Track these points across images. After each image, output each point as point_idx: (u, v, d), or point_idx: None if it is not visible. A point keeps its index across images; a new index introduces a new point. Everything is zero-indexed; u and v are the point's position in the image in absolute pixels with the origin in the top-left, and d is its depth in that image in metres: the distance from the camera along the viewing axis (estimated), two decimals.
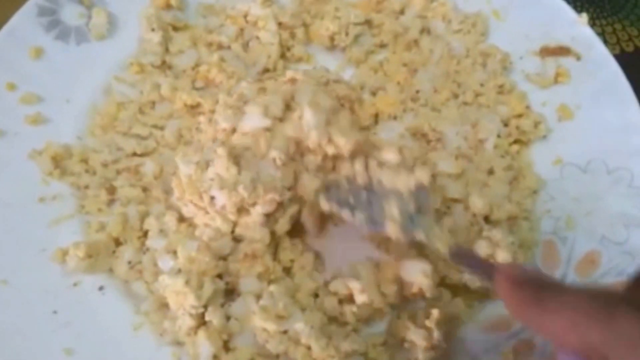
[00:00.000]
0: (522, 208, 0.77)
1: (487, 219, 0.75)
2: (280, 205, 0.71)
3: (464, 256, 0.62)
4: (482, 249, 0.68)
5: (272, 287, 0.68)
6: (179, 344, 0.69)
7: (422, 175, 0.67)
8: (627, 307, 0.41)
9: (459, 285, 0.70)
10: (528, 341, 0.68)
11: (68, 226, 0.76)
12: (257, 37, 0.91)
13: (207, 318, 0.67)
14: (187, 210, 0.74)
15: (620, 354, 0.40)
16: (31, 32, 0.86)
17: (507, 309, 0.48)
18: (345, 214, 0.68)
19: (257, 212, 0.70)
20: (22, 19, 0.87)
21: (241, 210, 0.70)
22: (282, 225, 0.72)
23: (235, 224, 0.72)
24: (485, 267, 0.59)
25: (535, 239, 0.76)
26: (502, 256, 0.67)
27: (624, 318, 0.40)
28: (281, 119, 0.73)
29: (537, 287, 0.47)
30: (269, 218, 0.71)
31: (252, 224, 0.71)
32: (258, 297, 0.69)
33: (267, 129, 0.72)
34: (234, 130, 0.74)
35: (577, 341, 0.42)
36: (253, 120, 0.73)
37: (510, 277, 0.49)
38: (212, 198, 0.70)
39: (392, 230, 0.65)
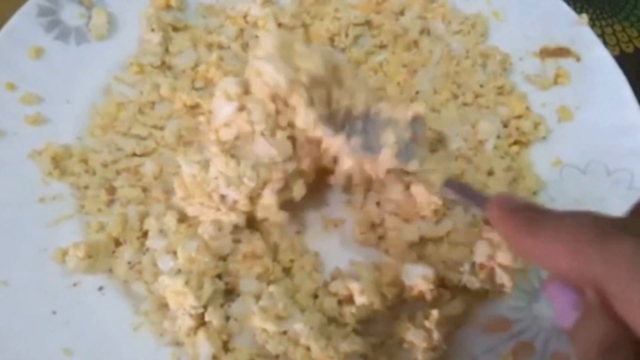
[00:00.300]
0: None
1: (486, 220, 0.74)
2: (290, 176, 0.71)
3: (457, 187, 0.62)
4: (482, 249, 0.68)
5: (272, 288, 0.68)
6: (178, 344, 0.69)
7: (418, 107, 0.67)
8: (628, 233, 0.38)
9: (458, 286, 0.70)
10: (528, 343, 0.68)
11: (68, 226, 0.76)
12: (257, 37, 0.91)
13: (207, 318, 0.67)
14: (193, 210, 0.73)
15: (617, 281, 0.37)
16: (31, 32, 0.86)
17: (501, 237, 0.47)
18: (341, 139, 0.67)
19: (269, 194, 0.70)
20: (22, 19, 0.87)
21: (253, 198, 0.71)
22: (298, 190, 0.73)
23: (249, 214, 0.73)
24: (478, 198, 0.59)
25: None
26: (503, 257, 0.67)
27: (625, 243, 0.38)
28: (245, 92, 0.72)
29: (531, 213, 0.46)
30: (283, 191, 0.71)
31: (268, 207, 0.71)
32: (258, 297, 0.68)
33: (240, 109, 0.70)
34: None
35: (570, 267, 0.40)
36: (223, 109, 0.72)
37: (503, 204, 0.48)
38: (223, 197, 0.71)
39: (386, 157, 0.64)
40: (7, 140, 0.80)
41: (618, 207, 0.75)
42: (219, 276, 0.71)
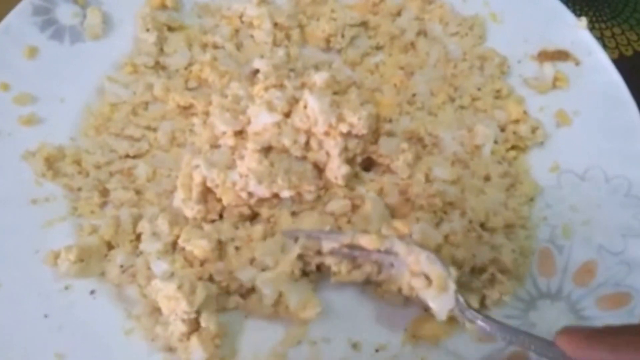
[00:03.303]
0: (519, 215, 0.76)
1: (483, 226, 0.74)
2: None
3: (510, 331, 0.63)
4: (483, 255, 0.68)
5: None
6: (171, 349, 0.68)
7: None
8: None
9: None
10: (522, 353, 0.68)
11: (60, 228, 0.75)
12: (252, 36, 0.91)
13: (202, 324, 0.67)
14: (191, 212, 0.73)
15: None
16: (26, 31, 0.86)
17: None
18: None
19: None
20: (16, 18, 0.86)
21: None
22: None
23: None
24: (539, 343, 0.60)
25: (531, 247, 0.75)
26: (504, 261, 0.67)
27: None
28: (287, 114, 0.74)
29: (603, 335, 0.51)
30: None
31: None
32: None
33: (276, 124, 0.73)
34: (238, 133, 0.76)
35: None
36: (262, 116, 0.74)
37: (574, 336, 0.53)
38: (250, 194, 0.72)
39: None
40: (0, 140, 0.79)
41: (614, 216, 0.76)
42: (211, 279, 0.71)
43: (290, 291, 0.70)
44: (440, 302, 0.65)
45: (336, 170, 0.73)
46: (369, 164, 0.79)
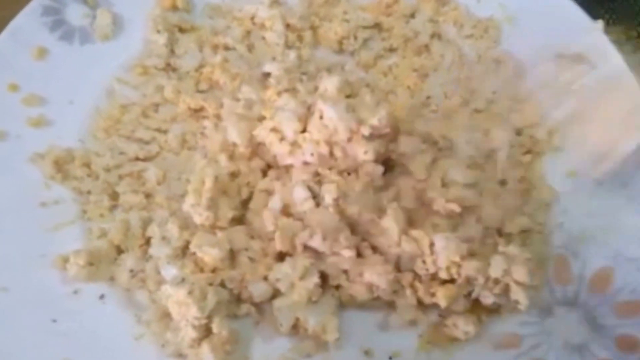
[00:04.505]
0: (535, 221, 0.75)
1: (499, 231, 0.73)
2: None
3: None
4: (497, 265, 0.66)
5: None
6: (181, 355, 0.67)
7: None
8: None
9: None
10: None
11: (69, 232, 0.74)
12: (263, 38, 0.90)
13: (214, 330, 0.66)
14: (200, 218, 0.72)
15: None
16: (35, 32, 0.85)
17: None
18: None
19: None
20: (26, 19, 0.85)
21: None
22: None
23: None
24: None
25: (547, 253, 0.74)
26: (519, 273, 0.65)
27: None
28: (303, 130, 0.74)
29: None
30: None
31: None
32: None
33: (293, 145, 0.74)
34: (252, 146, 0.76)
35: None
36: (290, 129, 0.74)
37: None
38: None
39: None
40: (9, 142, 0.78)
41: (631, 222, 0.75)
42: (223, 284, 0.70)
43: (309, 315, 0.68)
44: None
45: (372, 172, 0.72)
46: (385, 164, 0.78)
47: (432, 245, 0.68)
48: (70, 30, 0.87)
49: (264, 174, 0.78)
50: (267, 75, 0.85)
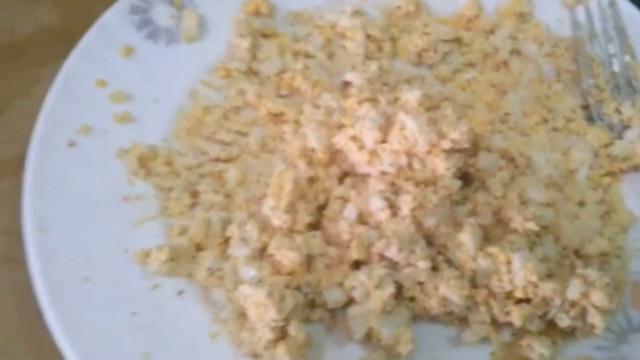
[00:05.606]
0: (615, 245, 0.74)
1: (577, 252, 0.72)
2: None
3: None
4: (575, 287, 0.66)
5: None
6: (256, 356, 0.68)
7: None
8: None
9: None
10: None
11: (150, 227, 0.76)
12: (344, 47, 0.91)
13: (291, 333, 0.66)
14: (278, 221, 0.73)
15: None
16: (123, 29, 0.87)
17: None
18: None
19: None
20: (114, 15, 0.88)
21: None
22: None
23: None
24: None
25: (625, 278, 0.73)
26: (597, 297, 0.65)
27: None
28: (383, 140, 0.74)
29: None
30: None
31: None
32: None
33: (372, 154, 0.74)
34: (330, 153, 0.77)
35: None
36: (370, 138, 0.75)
37: None
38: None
39: None
40: (95, 137, 0.80)
41: None
42: (298, 288, 0.70)
43: (382, 325, 0.68)
44: None
45: (449, 186, 0.73)
46: (462, 179, 0.78)
47: (508, 263, 0.68)
48: (157, 30, 0.89)
49: (340, 181, 0.78)
50: (347, 84, 0.85)
